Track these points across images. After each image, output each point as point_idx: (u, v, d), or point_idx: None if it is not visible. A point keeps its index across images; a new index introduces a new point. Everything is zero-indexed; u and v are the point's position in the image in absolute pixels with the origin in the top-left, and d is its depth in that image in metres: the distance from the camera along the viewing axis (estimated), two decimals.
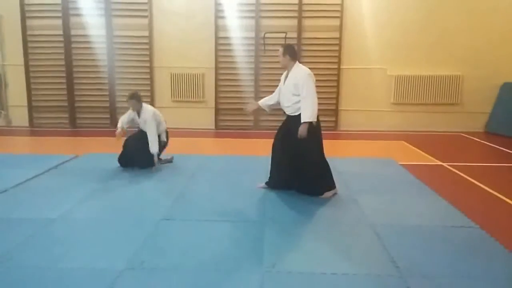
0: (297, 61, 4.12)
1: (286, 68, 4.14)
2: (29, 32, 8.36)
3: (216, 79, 8.42)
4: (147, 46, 8.41)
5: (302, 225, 3.45)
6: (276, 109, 4.43)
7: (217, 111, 8.58)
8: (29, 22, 8.33)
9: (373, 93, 8.49)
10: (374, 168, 5.31)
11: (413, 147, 6.84)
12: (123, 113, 5.35)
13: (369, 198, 4.10)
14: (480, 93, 8.36)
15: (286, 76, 4.15)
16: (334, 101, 8.50)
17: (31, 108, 8.62)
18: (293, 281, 2.55)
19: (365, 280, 2.57)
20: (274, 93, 4.36)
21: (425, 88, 8.39)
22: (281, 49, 4.08)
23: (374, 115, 8.56)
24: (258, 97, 8.27)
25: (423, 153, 6.43)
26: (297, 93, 3.94)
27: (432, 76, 8.33)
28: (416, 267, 2.72)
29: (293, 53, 4.07)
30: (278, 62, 4.23)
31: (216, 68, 8.39)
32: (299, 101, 3.94)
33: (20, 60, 8.41)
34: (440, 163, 5.78)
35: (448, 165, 5.63)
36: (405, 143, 7.20)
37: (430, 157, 6.15)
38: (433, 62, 8.31)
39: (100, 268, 2.64)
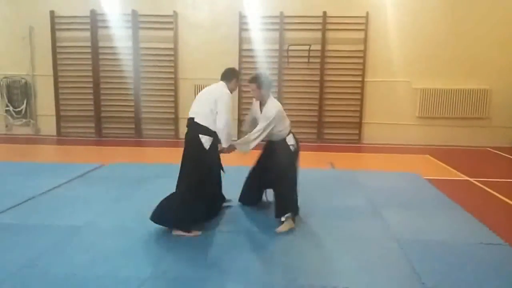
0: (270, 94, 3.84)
1: (263, 100, 3.81)
2: (58, 44, 8.64)
3: (240, 91, 8.47)
4: (172, 58, 8.56)
5: (325, 238, 3.40)
6: None
7: (240, 122, 8.62)
8: (58, 34, 8.61)
9: (398, 106, 8.36)
10: (398, 182, 5.21)
11: (439, 162, 6.69)
12: (147, 122, 5.39)
13: (393, 212, 4.02)
14: (508, 107, 8.13)
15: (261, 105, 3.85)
16: (358, 114, 8.42)
17: (59, 118, 8.86)
18: None
19: None
20: (248, 120, 4.13)
21: (451, 102, 8.22)
22: (253, 85, 3.79)
23: (399, 129, 8.42)
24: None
25: (449, 167, 6.28)
26: None
27: (458, 90, 8.16)
28: (442, 284, 2.64)
29: (268, 84, 3.82)
30: (301, 74, 4.11)
31: (240, 80, 8.43)
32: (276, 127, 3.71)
33: (49, 70, 8.69)
34: (466, 178, 5.62)
35: (475, 180, 5.47)
36: (431, 157, 7.05)
37: (456, 171, 5.99)
38: (459, 75, 8.15)
39: (124, 277, 2.66)
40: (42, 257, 2.93)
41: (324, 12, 8.14)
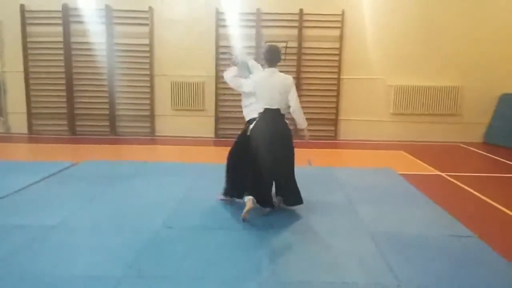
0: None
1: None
2: (29, 39, 8.38)
3: (217, 88, 8.44)
4: (147, 54, 8.44)
5: (300, 234, 3.44)
6: None
7: (217, 119, 8.60)
8: (29, 29, 8.36)
9: (373, 103, 8.52)
10: (373, 178, 5.31)
11: (412, 157, 6.85)
12: (122, 120, 5.28)
13: (368, 207, 4.10)
14: (478, 103, 8.40)
15: None
16: (334, 111, 8.53)
17: (30, 115, 8.61)
18: None
19: None
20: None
21: (424, 99, 8.42)
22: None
23: (374, 125, 8.58)
24: None
25: (422, 163, 6.44)
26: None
27: (431, 87, 8.37)
28: (415, 276, 2.71)
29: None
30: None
31: (217, 77, 8.41)
32: None
33: (20, 66, 8.42)
34: (438, 173, 5.79)
35: (447, 175, 5.64)
36: (404, 153, 7.22)
37: (428, 167, 6.16)
38: (432, 72, 8.37)
39: (99, 276, 2.62)
40: (14, 256, 2.86)
41: (301, 10, 8.19)
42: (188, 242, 3.21)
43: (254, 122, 3.89)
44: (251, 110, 4.06)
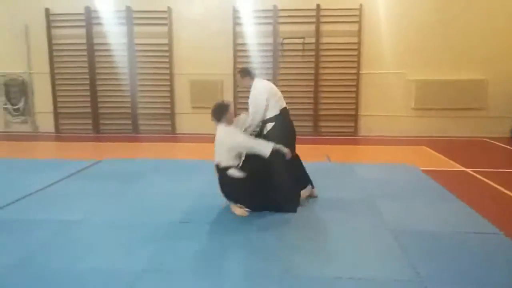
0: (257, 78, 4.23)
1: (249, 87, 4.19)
2: (54, 41, 8.63)
3: (235, 86, 8.48)
4: (167, 54, 8.56)
5: (318, 229, 3.44)
6: None
7: (236, 117, 8.62)
8: (54, 31, 8.61)
9: (393, 98, 8.38)
10: (394, 174, 5.23)
11: (435, 153, 6.72)
12: (143, 118, 5.36)
13: (389, 203, 4.04)
14: (505, 97, 8.15)
15: None
16: (353, 106, 8.44)
17: (56, 115, 8.88)
18: (311, 284, 2.54)
19: (384, 285, 2.54)
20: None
21: (447, 93, 8.21)
22: (238, 75, 4.29)
23: (395, 120, 8.44)
24: None
25: (445, 158, 6.30)
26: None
27: (454, 81, 8.16)
28: (436, 273, 2.67)
29: (252, 75, 4.22)
30: (295, 67, 4.25)
31: (235, 75, 8.44)
32: None
33: (46, 68, 8.69)
34: (463, 168, 5.65)
35: (472, 171, 5.50)
36: (427, 148, 7.08)
37: (453, 162, 6.02)
38: (455, 66, 8.15)
39: (120, 269, 2.69)
40: (40, 250, 2.97)
41: (318, 5, 8.13)
42: (205, 237, 3.26)
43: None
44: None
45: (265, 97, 4.03)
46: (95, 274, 2.64)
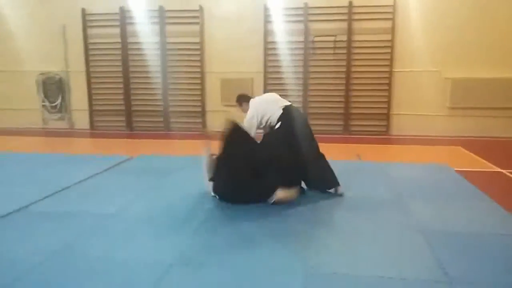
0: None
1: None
2: (89, 41, 8.93)
3: (265, 84, 8.50)
4: (198, 52, 8.68)
5: (347, 228, 3.40)
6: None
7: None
8: (90, 31, 8.90)
9: (428, 97, 8.16)
10: (426, 173, 5.11)
11: (471, 153, 6.50)
12: (175, 116, 5.53)
13: (419, 203, 3.95)
14: None
15: None
16: (385, 105, 8.29)
17: (91, 112, 9.18)
18: (337, 282, 2.53)
19: (411, 284, 2.49)
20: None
21: (484, 92, 7.91)
22: (237, 103, 4.67)
23: (429, 120, 8.23)
24: (306, 101, 8.29)
25: (481, 159, 6.09)
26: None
27: (492, 79, 7.86)
28: (466, 275, 2.59)
29: (247, 98, 4.60)
30: (326, 66, 4.33)
31: (265, 73, 8.48)
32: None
33: (82, 67, 9.00)
34: (499, 170, 5.45)
35: (509, 172, 5.30)
36: (462, 148, 6.86)
37: (489, 163, 5.81)
38: (492, 64, 7.85)
39: (151, 261, 2.76)
40: (77, 240, 3.09)
41: (350, 2, 8.03)
42: (233, 232, 3.29)
43: None
44: None
45: (255, 120, 4.31)
46: (127, 265, 2.72)
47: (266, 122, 4.32)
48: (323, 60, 8.28)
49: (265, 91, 8.52)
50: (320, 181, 4.18)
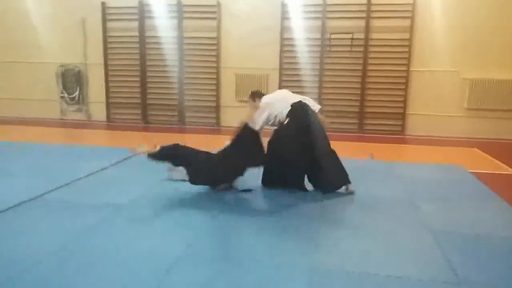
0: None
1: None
2: (108, 34, 9.05)
3: (280, 80, 8.49)
4: (214, 47, 8.72)
5: (356, 226, 3.39)
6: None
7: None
8: (109, 24, 9.02)
9: (445, 97, 8.04)
10: (440, 175, 5.05)
11: (487, 155, 6.39)
12: (190, 110, 5.53)
13: (431, 204, 3.92)
14: None
15: None
16: (401, 105, 8.20)
17: (108, 104, 9.32)
18: (343, 280, 2.53)
19: (420, 284, 2.48)
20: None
21: (503, 93, 7.77)
22: (250, 99, 4.59)
23: (445, 120, 8.11)
24: (321, 98, 8.24)
25: (497, 161, 5.98)
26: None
27: (511, 80, 7.70)
28: (476, 276, 2.57)
29: (260, 95, 4.56)
30: (342, 63, 4.31)
31: (281, 69, 8.47)
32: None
33: (100, 59, 9.13)
34: None
35: None
36: (478, 150, 6.75)
37: (504, 166, 5.71)
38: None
39: (159, 253, 2.81)
40: (89, 231, 3.15)
41: (368, 0, 7.94)
42: (241, 227, 3.32)
43: None
44: None
45: (265, 115, 4.26)
46: (136, 255, 2.77)
47: (275, 119, 4.34)
48: (339, 57, 8.22)
49: (280, 87, 8.51)
50: (330, 181, 4.18)
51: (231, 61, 8.72)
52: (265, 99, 4.45)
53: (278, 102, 4.33)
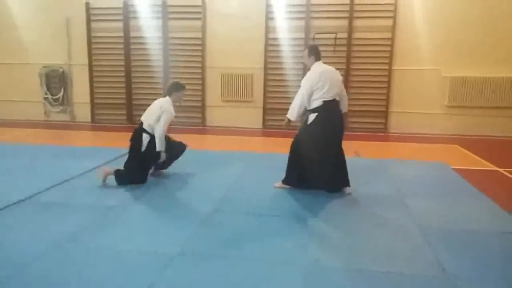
0: (319, 61, 4.25)
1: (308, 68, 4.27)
2: (93, 34, 8.96)
3: (265, 80, 8.56)
4: (199, 47, 8.72)
5: (347, 224, 3.49)
6: None
7: (265, 110, 8.73)
8: (93, 25, 8.93)
9: (426, 95, 8.23)
10: (424, 171, 5.20)
11: (468, 152, 6.59)
12: (175, 110, 5.55)
13: (418, 200, 4.04)
14: None
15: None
16: (384, 103, 8.35)
17: (93, 105, 9.23)
18: (336, 276, 2.61)
19: (409, 279, 2.58)
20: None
21: (482, 91, 8.00)
22: (306, 51, 4.29)
23: (427, 118, 8.30)
24: None
25: (478, 158, 6.18)
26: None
27: (490, 78, 7.93)
28: (464, 271, 2.68)
29: (318, 56, 4.24)
30: (326, 63, 4.32)
31: (265, 69, 8.53)
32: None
33: (85, 60, 9.04)
34: (496, 168, 5.54)
35: (505, 171, 5.38)
36: (459, 147, 6.94)
37: (485, 162, 5.90)
38: (491, 63, 7.91)
39: (153, 252, 2.85)
40: (80, 232, 3.16)
41: (351, 0, 8.06)
42: (236, 225, 3.38)
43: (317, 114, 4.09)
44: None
45: (309, 85, 4.06)
46: (130, 255, 2.80)
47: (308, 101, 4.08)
48: (323, 57, 8.21)
49: (265, 86, 8.59)
50: (336, 180, 4.24)
51: (216, 61, 8.74)
52: (317, 69, 4.13)
53: (325, 84, 4.04)
